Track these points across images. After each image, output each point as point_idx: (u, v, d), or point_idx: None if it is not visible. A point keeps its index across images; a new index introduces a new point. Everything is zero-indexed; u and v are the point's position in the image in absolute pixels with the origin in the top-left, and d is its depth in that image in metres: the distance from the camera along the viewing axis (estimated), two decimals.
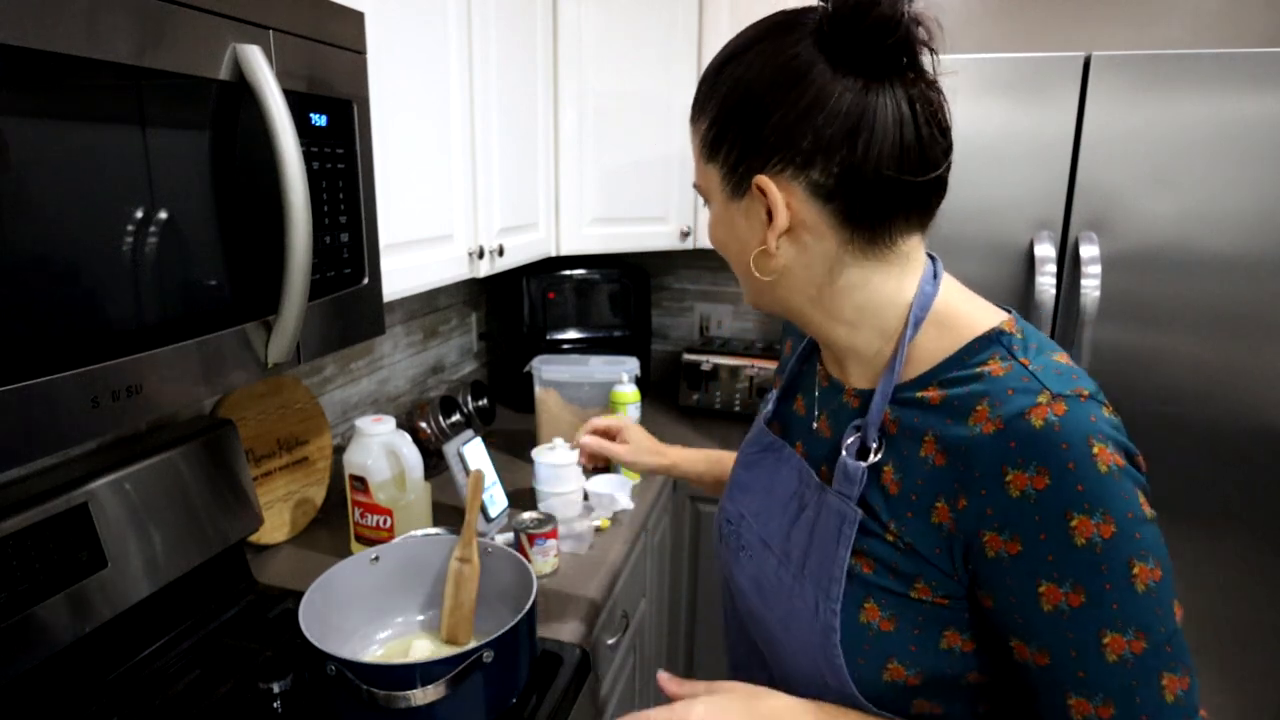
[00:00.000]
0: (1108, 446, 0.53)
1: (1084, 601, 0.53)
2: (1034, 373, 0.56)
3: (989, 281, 1.70)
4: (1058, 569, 0.53)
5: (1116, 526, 0.52)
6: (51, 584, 0.92)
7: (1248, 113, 1.51)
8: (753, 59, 0.61)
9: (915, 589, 0.59)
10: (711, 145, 0.64)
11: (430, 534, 1.19)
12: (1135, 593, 0.53)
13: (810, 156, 0.58)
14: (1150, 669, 0.55)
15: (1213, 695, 1.79)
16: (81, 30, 0.62)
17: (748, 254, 0.64)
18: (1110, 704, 0.54)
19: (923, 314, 0.63)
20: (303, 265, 0.81)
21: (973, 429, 0.56)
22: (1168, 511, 1.71)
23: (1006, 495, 0.54)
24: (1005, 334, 0.61)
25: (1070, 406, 0.54)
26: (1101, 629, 0.54)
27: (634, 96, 1.90)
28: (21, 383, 0.60)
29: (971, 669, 0.61)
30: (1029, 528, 0.54)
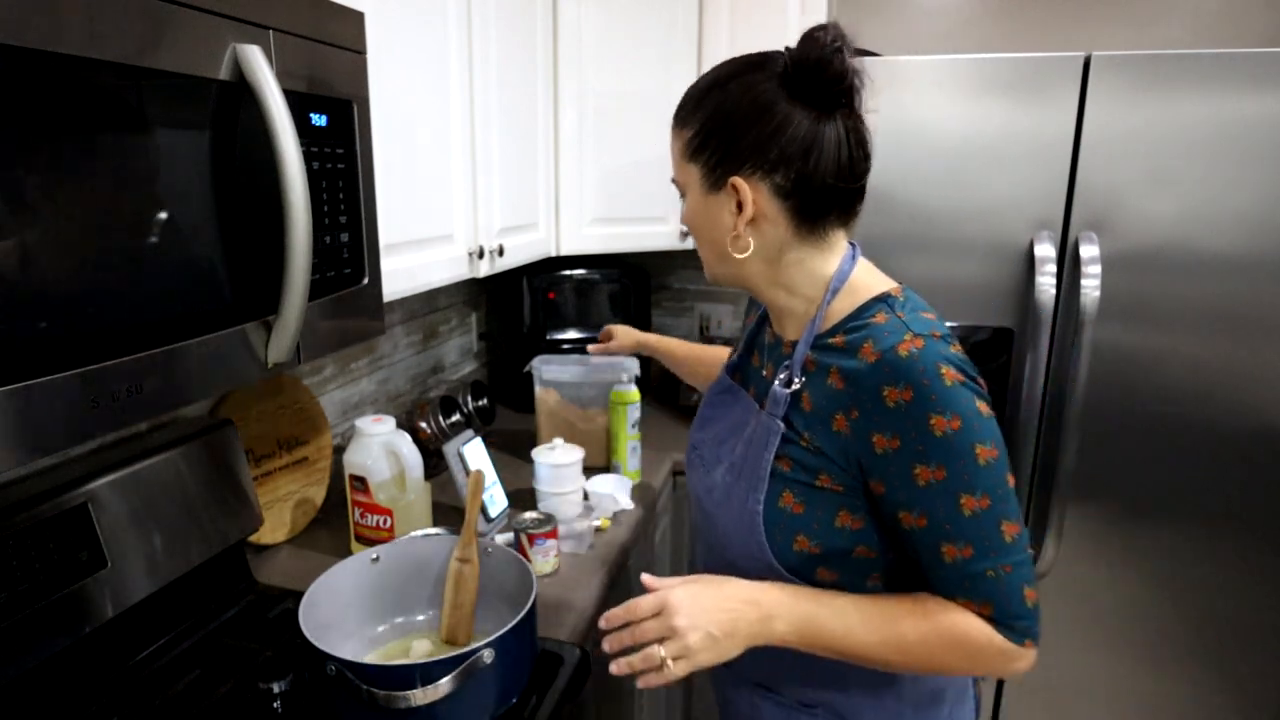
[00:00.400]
0: (952, 368, 0.74)
1: (945, 475, 0.74)
2: (904, 321, 0.78)
3: (989, 281, 1.70)
4: (925, 454, 0.74)
5: (962, 421, 0.73)
6: (51, 584, 0.92)
7: (1248, 113, 1.51)
8: (734, 88, 0.81)
9: (819, 480, 0.81)
10: (695, 150, 0.83)
11: (430, 534, 1.19)
12: (979, 466, 0.74)
13: (775, 165, 0.79)
14: (994, 519, 0.75)
15: (1213, 695, 1.79)
16: (81, 30, 0.62)
17: (721, 236, 0.85)
18: (969, 546, 0.75)
19: (840, 285, 0.84)
20: (303, 265, 0.81)
21: (861, 361, 0.77)
22: (1168, 511, 1.72)
23: (884, 405, 0.75)
24: (891, 297, 0.82)
25: (926, 343, 0.75)
26: (959, 493, 0.74)
27: (634, 96, 1.90)
28: (21, 383, 0.60)
29: (859, 544, 0.81)
30: (903, 427, 0.75)
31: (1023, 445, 1.71)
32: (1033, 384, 1.67)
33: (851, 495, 0.80)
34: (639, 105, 1.90)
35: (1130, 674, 1.83)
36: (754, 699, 0.97)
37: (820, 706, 0.91)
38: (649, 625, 0.78)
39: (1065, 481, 1.70)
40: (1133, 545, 1.75)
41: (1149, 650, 1.80)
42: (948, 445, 0.74)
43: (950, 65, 1.63)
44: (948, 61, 1.64)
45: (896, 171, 1.70)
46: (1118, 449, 1.71)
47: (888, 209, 1.72)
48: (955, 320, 1.74)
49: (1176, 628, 1.77)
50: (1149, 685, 1.82)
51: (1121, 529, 1.75)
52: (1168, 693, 1.81)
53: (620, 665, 0.79)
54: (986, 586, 0.76)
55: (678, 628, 0.76)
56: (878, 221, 1.73)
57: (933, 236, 1.71)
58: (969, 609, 0.76)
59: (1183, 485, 1.69)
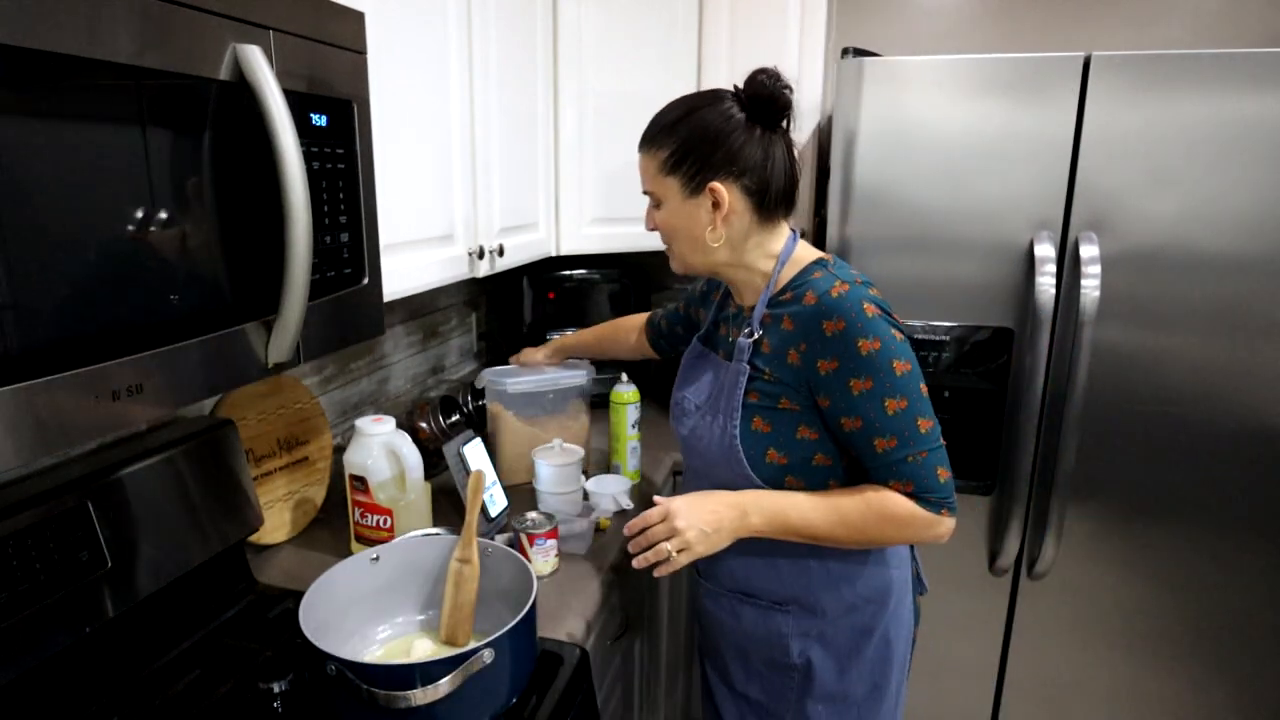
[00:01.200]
0: (871, 304, 0.99)
1: (873, 384, 0.98)
2: (834, 273, 1.04)
3: (989, 281, 1.70)
4: (856, 370, 0.98)
5: (881, 343, 0.98)
6: (51, 584, 0.92)
7: (1248, 113, 1.51)
8: (706, 114, 1.05)
9: (780, 403, 1.06)
10: (674, 164, 1.06)
11: (430, 534, 1.19)
12: (896, 376, 0.98)
13: (744, 171, 1.05)
14: (911, 416, 0.99)
15: (1213, 695, 1.79)
16: (81, 30, 0.62)
17: (699, 231, 1.08)
18: (894, 438, 1.00)
19: (786, 257, 1.10)
20: (303, 265, 0.81)
21: (805, 306, 1.03)
22: (1168, 511, 1.72)
23: (824, 336, 1.00)
24: (824, 260, 1.09)
25: (851, 287, 1.01)
26: (883, 398, 0.98)
27: (634, 96, 1.90)
28: (22, 383, 0.60)
29: (817, 452, 1.06)
30: (840, 351, 0.99)
31: (1023, 445, 1.71)
32: (1033, 384, 1.67)
33: (807, 412, 1.04)
34: (639, 105, 1.88)
35: (1130, 674, 1.83)
36: (734, 606, 1.19)
37: (791, 603, 1.14)
38: (657, 529, 1.03)
39: (1065, 481, 1.70)
40: (1133, 545, 1.75)
41: (1149, 650, 1.80)
42: (872, 361, 0.98)
43: (950, 65, 1.63)
44: (948, 61, 1.64)
45: (896, 171, 1.70)
46: (1118, 449, 1.71)
47: (888, 209, 1.72)
48: (955, 320, 1.74)
49: (1176, 628, 1.77)
50: (1149, 685, 1.82)
51: (1121, 529, 1.75)
52: (1168, 693, 1.81)
53: (639, 560, 1.03)
54: (908, 469, 1.00)
55: (678, 528, 1.01)
56: (878, 221, 1.73)
57: (933, 236, 1.71)
58: (896, 489, 1.01)
59: (1183, 485, 1.69)
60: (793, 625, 1.14)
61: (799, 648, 1.14)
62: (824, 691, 1.15)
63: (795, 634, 1.14)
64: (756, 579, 1.15)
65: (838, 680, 1.14)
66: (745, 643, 1.19)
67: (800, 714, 1.16)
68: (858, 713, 1.16)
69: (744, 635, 1.18)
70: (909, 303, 1.74)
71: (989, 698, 1.93)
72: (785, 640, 1.15)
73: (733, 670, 1.22)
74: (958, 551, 1.86)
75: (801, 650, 1.14)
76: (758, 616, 1.16)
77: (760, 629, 1.16)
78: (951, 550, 1.85)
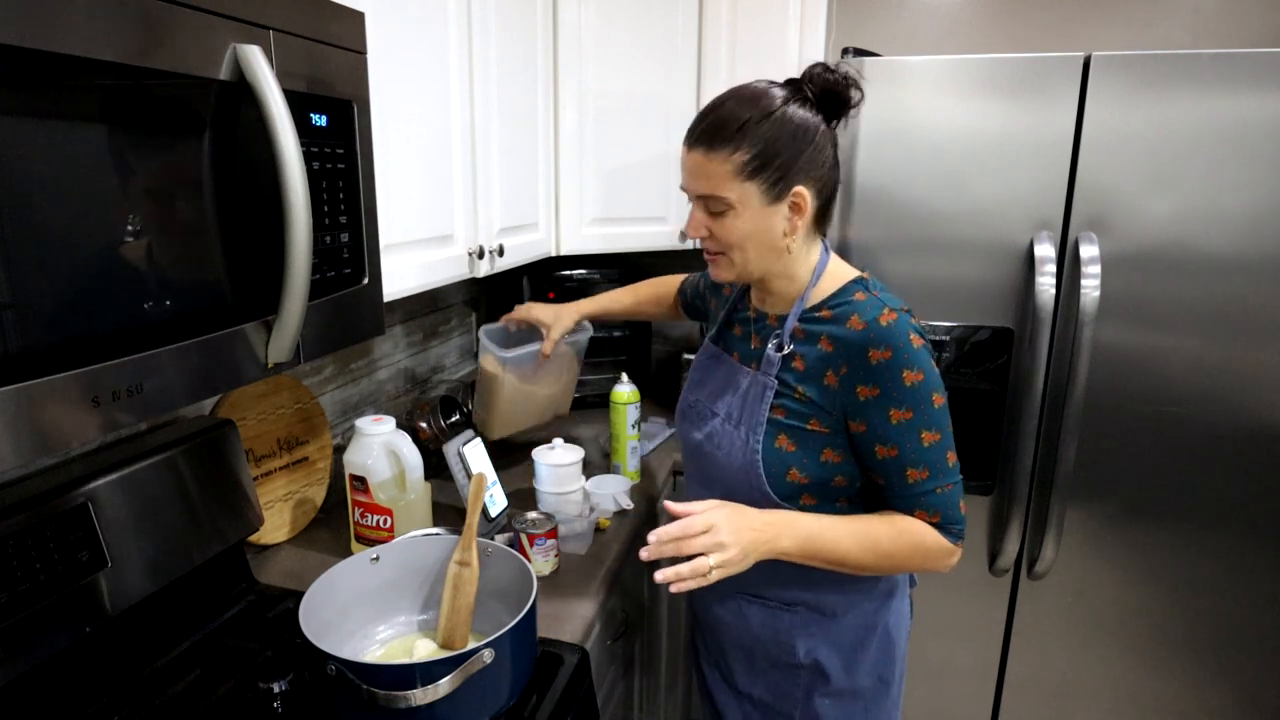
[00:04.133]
0: (916, 335, 0.99)
1: (913, 415, 0.98)
2: (880, 299, 1.02)
3: (989, 281, 1.70)
4: (898, 400, 0.98)
5: (924, 375, 0.98)
6: (52, 584, 0.92)
7: (1248, 113, 1.51)
8: (789, 113, 0.98)
9: (809, 424, 1.04)
10: (755, 169, 0.98)
11: (430, 534, 1.19)
12: (934, 409, 0.99)
13: (823, 174, 1.01)
14: (943, 449, 1.00)
15: (1212, 695, 1.79)
16: (81, 30, 0.62)
17: (775, 239, 1.02)
18: (927, 470, 1.00)
19: (823, 270, 1.07)
20: (303, 265, 0.81)
21: (850, 329, 1.00)
22: (1168, 511, 1.72)
23: (869, 363, 0.98)
24: (864, 279, 1.06)
25: (899, 316, 0.99)
26: (921, 430, 0.99)
27: (634, 96, 1.90)
28: (21, 383, 0.60)
29: (837, 475, 1.05)
30: (882, 379, 0.98)
31: (1023, 445, 1.71)
32: (1033, 384, 1.67)
33: (835, 436, 1.03)
34: (639, 105, 1.90)
35: (1130, 674, 1.83)
36: (741, 607, 1.17)
37: (799, 605, 1.13)
38: (702, 540, 0.92)
39: (1065, 481, 1.70)
40: (1133, 545, 1.75)
41: (1149, 650, 1.80)
42: (915, 392, 0.97)
43: (950, 65, 1.63)
44: (948, 61, 1.64)
45: (897, 171, 1.70)
46: (1118, 449, 1.71)
47: (888, 209, 1.72)
48: (955, 320, 1.74)
49: (1176, 628, 1.77)
50: (1149, 685, 1.82)
51: (1121, 529, 1.75)
52: (1168, 693, 1.81)
53: (666, 574, 0.91)
54: (936, 500, 1.01)
55: (725, 543, 0.93)
56: (878, 221, 1.73)
57: (933, 236, 1.71)
58: (922, 519, 1.01)
59: (1183, 485, 1.69)
60: (799, 625, 1.14)
61: (805, 647, 1.14)
62: (831, 688, 1.15)
63: (802, 633, 1.14)
64: (764, 580, 1.12)
65: (844, 676, 1.14)
66: (751, 643, 1.18)
67: (808, 711, 1.16)
68: (864, 706, 1.17)
69: (750, 636, 1.18)
70: (909, 303, 1.74)
71: (989, 698, 1.93)
72: (792, 640, 1.14)
73: (736, 671, 1.21)
74: None
75: (808, 650, 1.14)
76: (765, 617, 1.15)
77: (767, 630, 1.16)
78: None
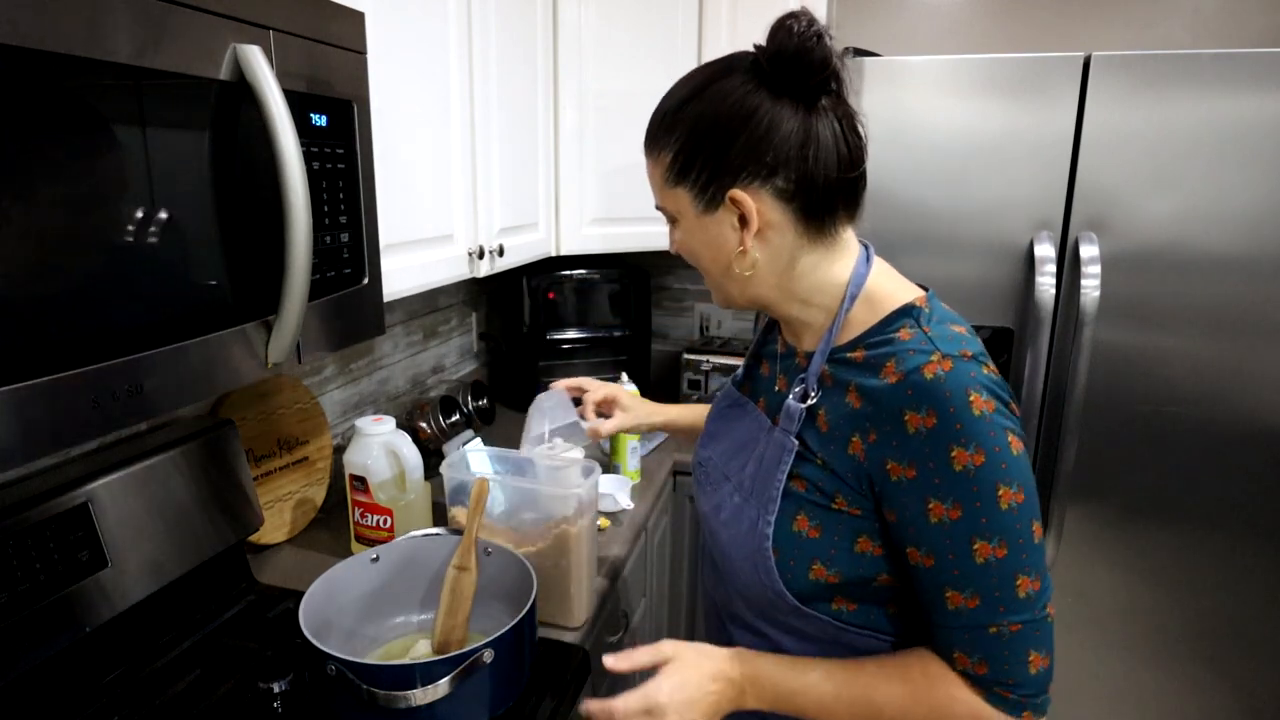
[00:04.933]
0: (982, 395, 0.68)
1: (960, 515, 0.68)
2: (931, 338, 0.71)
3: (989, 281, 1.70)
4: (942, 489, 0.68)
5: (986, 457, 0.67)
6: (51, 584, 0.92)
7: (1248, 113, 1.51)
8: (708, 99, 0.75)
9: (835, 502, 0.75)
10: (680, 172, 0.77)
11: (430, 534, 1.18)
12: (999, 510, 0.68)
13: (773, 168, 0.73)
14: (1009, 571, 0.68)
15: (1213, 695, 1.79)
16: (81, 30, 0.62)
17: (725, 258, 0.79)
18: (977, 597, 0.69)
19: (857, 291, 0.78)
20: (303, 265, 0.81)
21: (882, 380, 0.71)
22: (1168, 511, 1.71)
23: (905, 431, 0.69)
24: (916, 308, 0.76)
25: (955, 364, 0.69)
26: (973, 537, 0.68)
27: (634, 96, 1.90)
28: (21, 383, 0.60)
29: (882, 571, 0.75)
30: (921, 456, 0.69)
31: None
32: (1033, 384, 1.67)
33: (870, 520, 0.74)
34: (639, 105, 1.88)
35: (1130, 674, 1.82)
36: None
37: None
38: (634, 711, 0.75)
39: (1065, 481, 1.70)
40: (1133, 545, 1.75)
41: (1149, 650, 1.80)
42: (968, 481, 0.67)
43: (950, 65, 1.63)
44: (948, 61, 1.64)
45: (896, 171, 1.70)
46: (1118, 449, 1.71)
47: (888, 209, 1.72)
48: None
49: (1176, 628, 1.77)
50: (1149, 685, 1.82)
51: (1121, 529, 1.75)
52: (1168, 693, 1.81)
53: None
54: (987, 642, 0.70)
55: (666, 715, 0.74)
56: (878, 221, 1.73)
57: (933, 236, 1.71)
58: (963, 664, 0.71)
59: (1183, 485, 1.69)
60: None
61: None
62: None
63: None
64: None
65: None
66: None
67: None
68: None
69: None
70: None
71: None
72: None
73: None
74: None
75: None
76: None
77: None
78: None
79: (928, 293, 0.79)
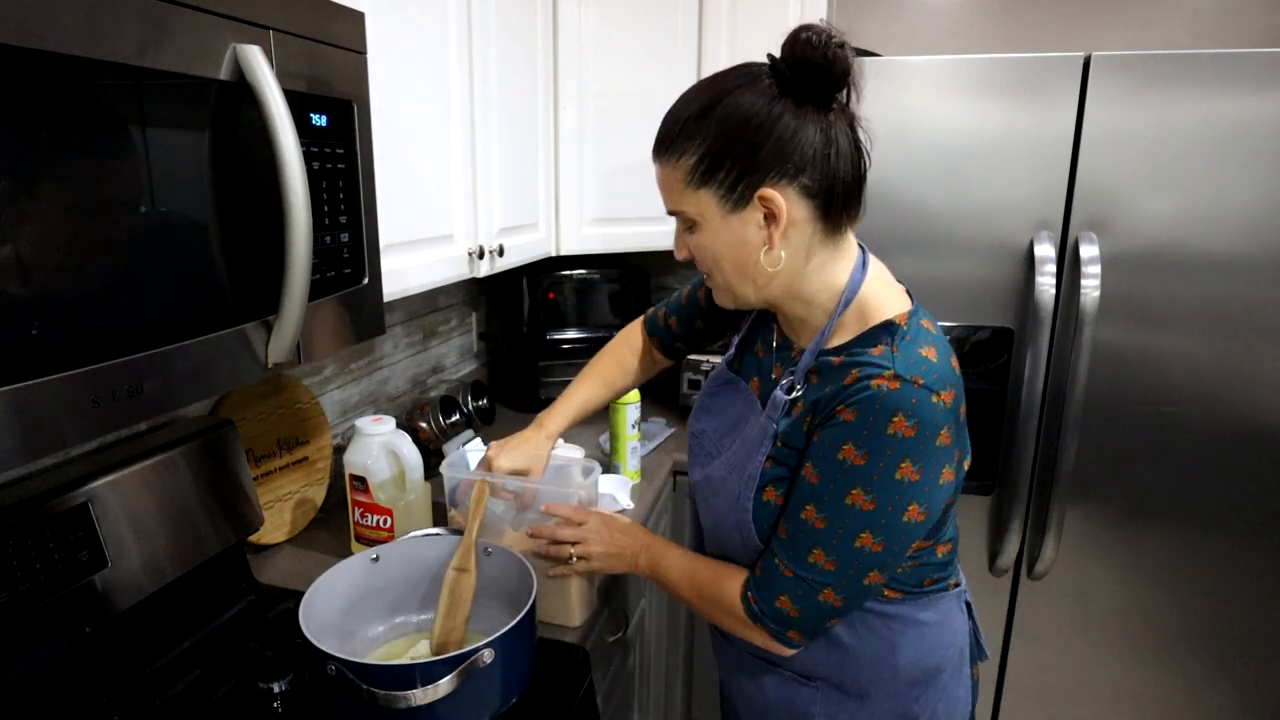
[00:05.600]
0: (907, 420, 0.77)
1: (818, 483, 0.83)
2: (894, 357, 0.81)
3: (989, 281, 1.70)
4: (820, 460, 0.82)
5: (866, 463, 0.79)
6: (52, 584, 0.92)
7: (1248, 113, 1.51)
8: (732, 105, 0.80)
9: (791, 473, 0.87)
10: (705, 173, 0.82)
11: (430, 534, 1.18)
12: (843, 502, 0.81)
13: (800, 167, 0.79)
14: (814, 540, 0.84)
15: (1212, 695, 1.79)
16: (81, 30, 0.62)
17: (749, 256, 0.84)
18: (786, 533, 0.86)
19: (852, 297, 0.86)
20: (303, 265, 0.81)
21: (842, 382, 0.82)
22: (1168, 511, 1.72)
23: (832, 416, 0.82)
24: (895, 325, 0.84)
25: (901, 386, 0.78)
26: (813, 503, 0.83)
27: (634, 96, 1.90)
28: (21, 383, 0.60)
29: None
30: (828, 435, 0.82)
31: (1023, 445, 1.71)
32: (1033, 384, 1.67)
33: None
34: (639, 105, 1.90)
35: (1130, 674, 1.83)
36: (757, 676, 1.02)
37: (819, 679, 0.97)
38: (567, 533, 1.07)
39: (1065, 481, 1.70)
40: (1133, 545, 1.75)
41: (1149, 650, 1.80)
42: (838, 468, 0.81)
43: (950, 65, 1.63)
44: (948, 61, 1.64)
45: (896, 171, 1.70)
46: (1118, 449, 1.71)
47: (888, 209, 1.72)
48: (955, 320, 1.74)
49: (1176, 628, 1.77)
50: (1149, 685, 1.82)
51: (1121, 529, 1.75)
52: (1168, 693, 1.81)
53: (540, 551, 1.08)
54: (769, 567, 0.88)
55: (588, 539, 1.06)
56: (878, 221, 1.73)
57: (933, 236, 1.71)
58: (756, 571, 0.89)
59: (1183, 485, 1.69)
60: (820, 703, 0.97)
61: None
62: None
63: (822, 713, 0.97)
64: None
65: None
66: (765, 712, 1.03)
67: None
68: None
69: (764, 704, 1.03)
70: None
71: (989, 698, 1.93)
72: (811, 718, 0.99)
73: None
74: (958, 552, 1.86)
75: None
76: (780, 686, 1.00)
77: (784, 702, 1.00)
78: None
79: (913, 306, 0.87)
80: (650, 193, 2.00)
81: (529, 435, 1.19)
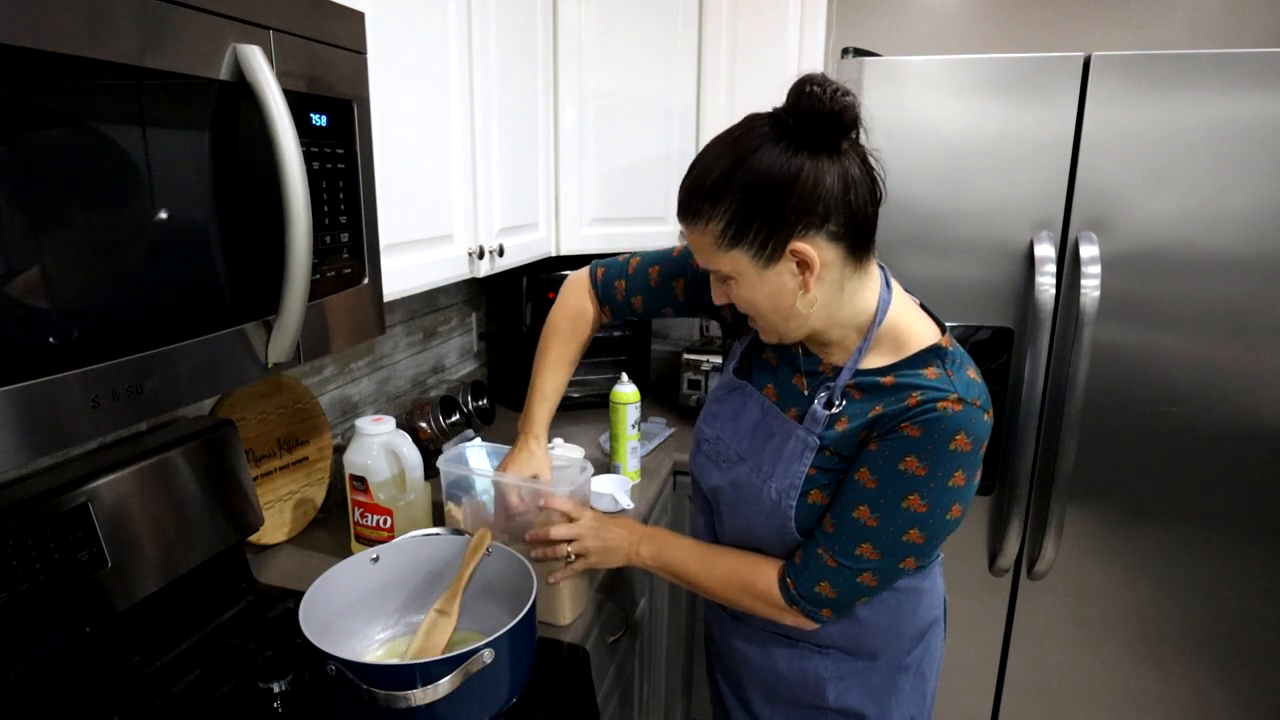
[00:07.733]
0: (967, 438, 0.86)
1: (875, 487, 0.89)
2: (953, 382, 0.88)
3: (989, 281, 1.70)
4: (879, 470, 0.89)
5: (926, 474, 0.87)
6: (52, 584, 0.92)
7: (1248, 113, 1.51)
8: (752, 168, 0.83)
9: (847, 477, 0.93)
10: (735, 236, 0.86)
11: (430, 534, 1.18)
12: (899, 506, 0.89)
13: (825, 216, 0.84)
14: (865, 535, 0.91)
15: (1212, 695, 1.79)
16: (81, 30, 0.62)
17: (787, 302, 0.89)
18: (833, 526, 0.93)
19: (883, 318, 0.92)
20: (303, 265, 0.81)
21: (903, 404, 0.88)
22: (1168, 511, 1.72)
23: (895, 431, 0.88)
24: (942, 349, 0.91)
25: (964, 409, 0.86)
26: (867, 504, 0.90)
27: (634, 96, 1.90)
28: (21, 383, 0.60)
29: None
30: (889, 446, 0.88)
31: (1023, 445, 1.71)
32: (1033, 384, 1.67)
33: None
34: (639, 105, 1.90)
35: (1130, 674, 1.83)
36: (768, 646, 1.08)
37: (833, 647, 1.04)
38: (561, 531, 1.09)
39: (1065, 481, 1.70)
40: (1133, 545, 1.75)
41: (1149, 650, 1.80)
42: (897, 476, 0.88)
43: (950, 65, 1.63)
44: (948, 61, 1.64)
45: (896, 171, 1.69)
46: (1118, 449, 1.71)
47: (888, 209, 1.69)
48: (955, 320, 1.74)
49: (1176, 628, 1.77)
50: (1149, 685, 1.82)
51: (1121, 529, 1.75)
52: (1168, 693, 1.81)
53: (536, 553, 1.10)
54: (811, 558, 0.94)
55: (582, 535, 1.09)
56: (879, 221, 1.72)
57: (933, 236, 1.71)
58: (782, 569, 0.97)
59: (1183, 485, 1.69)
60: (831, 668, 1.05)
61: (836, 691, 1.05)
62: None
63: (833, 677, 1.05)
64: None
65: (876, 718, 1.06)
66: (774, 682, 1.09)
67: None
68: None
69: (774, 675, 1.09)
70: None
71: (989, 698, 1.93)
72: (821, 684, 1.05)
73: (754, 701, 1.14)
74: (958, 552, 1.86)
75: (839, 694, 1.05)
76: (793, 658, 1.06)
77: (794, 671, 1.07)
78: (952, 551, 1.85)
79: (947, 333, 0.94)
80: (650, 192, 2.02)
81: (525, 445, 1.22)
